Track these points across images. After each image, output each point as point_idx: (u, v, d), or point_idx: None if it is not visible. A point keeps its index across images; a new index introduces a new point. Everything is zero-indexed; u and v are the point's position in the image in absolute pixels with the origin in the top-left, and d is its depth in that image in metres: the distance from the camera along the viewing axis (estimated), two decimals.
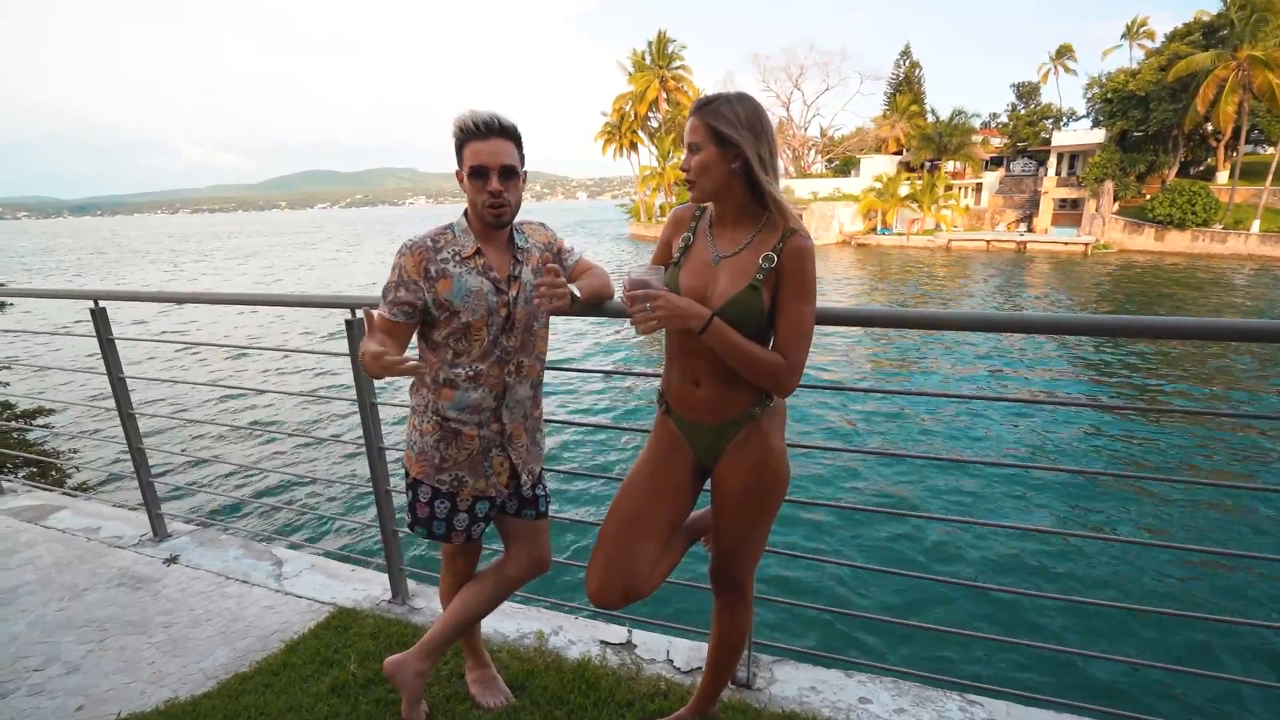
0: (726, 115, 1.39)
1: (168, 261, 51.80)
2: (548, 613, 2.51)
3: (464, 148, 1.56)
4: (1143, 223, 33.39)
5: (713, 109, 1.41)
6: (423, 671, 1.82)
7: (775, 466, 1.53)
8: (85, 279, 40.94)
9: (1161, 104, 32.28)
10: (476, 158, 1.54)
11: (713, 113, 1.40)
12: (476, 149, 1.55)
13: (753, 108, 1.42)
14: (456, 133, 1.57)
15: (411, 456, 1.72)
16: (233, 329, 19.35)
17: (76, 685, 2.16)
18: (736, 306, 1.41)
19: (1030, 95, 48.62)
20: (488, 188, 1.55)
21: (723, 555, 1.64)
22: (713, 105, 1.41)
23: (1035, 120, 45.23)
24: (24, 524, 3.32)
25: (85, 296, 2.75)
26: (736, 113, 1.40)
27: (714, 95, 1.43)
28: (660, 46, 47.10)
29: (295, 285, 33.39)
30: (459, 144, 1.57)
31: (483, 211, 1.58)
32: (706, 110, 1.41)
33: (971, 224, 41.51)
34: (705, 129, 1.41)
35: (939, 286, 25.75)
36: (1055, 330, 1.82)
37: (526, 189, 1.71)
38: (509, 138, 1.57)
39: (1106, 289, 24.70)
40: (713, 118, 1.40)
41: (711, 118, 1.40)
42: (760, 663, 2.19)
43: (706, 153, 1.41)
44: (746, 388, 1.49)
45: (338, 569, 2.85)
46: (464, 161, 1.57)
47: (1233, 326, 1.51)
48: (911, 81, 50.10)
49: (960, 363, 14.39)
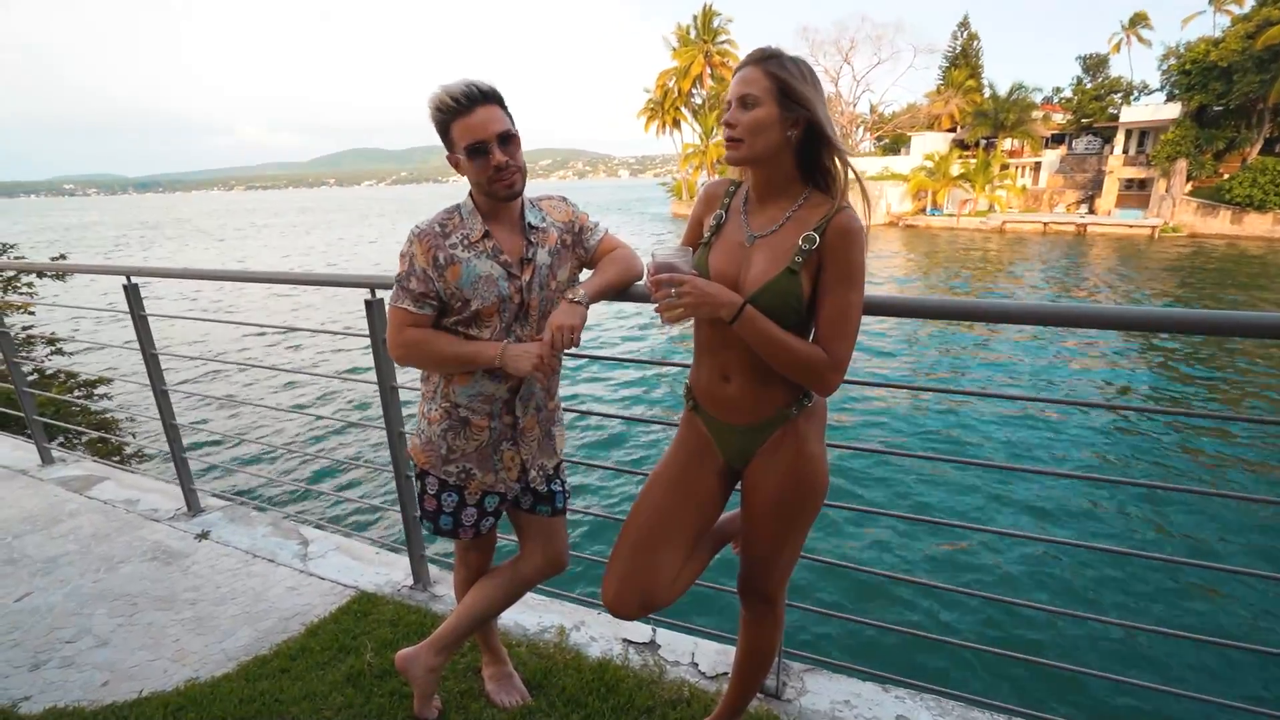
0: (793, 70, 1.22)
1: (235, 236, 53.46)
2: (570, 606, 2.43)
3: (450, 129, 1.41)
4: (1218, 204, 31.24)
5: (779, 61, 1.23)
6: (434, 667, 1.75)
7: (813, 473, 1.38)
8: (152, 253, 42.70)
9: (1246, 75, 29.84)
10: (470, 134, 1.39)
11: (779, 64, 1.22)
12: (466, 125, 1.39)
13: (810, 70, 1.25)
14: (435, 115, 1.41)
15: (418, 445, 1.63)
16: (269, 306, 19.80)
17: (105, 660, 2.19)
18: (771, 293, 1.25)
19: (1098, 68, 45.78)
20: (492, 162, 1.41)
21: (752, 565, 1.50)
22: (778, 58, 1.23)
23: (1103, 95, 42.58)
24: (70, 494, 3.42)
25: (118, 272, 2.76)
26: (801, 70, 1.23)
27: (773, 49, 1.25)
28: (706, 20, 46.03)
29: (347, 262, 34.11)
30: (443, 126, 1.42)
31: (492, 188, 1.44)
32: (772, 61, 1.23)
33: (1028, 205, 39.58)
34: (770, 81, 1.22)
35: (990, 273, 24.61)
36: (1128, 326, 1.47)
37: (569, 167, 1.56)
38: (493, 101, 1.41)
39: (1184, 277, 22.84)
40: (780, 69, 1.22)
41: (779, 69, 1.22)
42: (790, 671, 2.06)
43: (765, 110, 1.23)
44: (782, 385, 1.34)
45: (362, 550, 2.83)
46: (455, 143, 1.42)
47: None
48: (969, 55, 47.69)
49: (1024, 356, 13.23)
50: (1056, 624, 5.34)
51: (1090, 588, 5.91)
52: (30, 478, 3.58)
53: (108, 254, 45.12)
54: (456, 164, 1.46)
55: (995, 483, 7.68)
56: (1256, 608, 5.67)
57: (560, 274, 1.58)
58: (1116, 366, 13.00)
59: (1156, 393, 11.67)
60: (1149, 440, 9.35)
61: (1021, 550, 6.33)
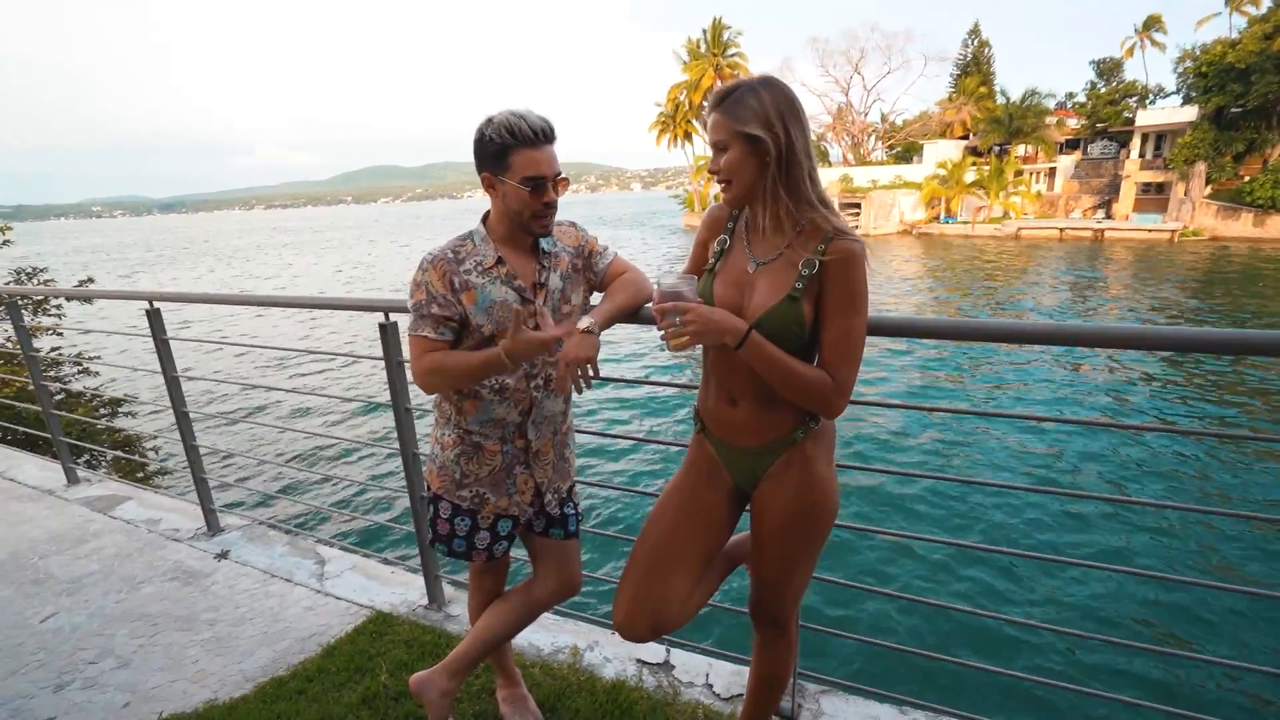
0: (752, 106, 1.23)
1: (243, 258, 54.68)
2: (584, 626, 2.43)
3: (512, 154, 1.43)
4: (1239, 207, 30.71)
5: (734, 101, 1.24)
6: (448, 691, 1.76)
7: (822, 495, 1.38)
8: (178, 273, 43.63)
9: (1265, 76, 29.42)
10: (534, 167, 1.43)
11: (734, 106, 1.24)
12: (533, 157, 1.43)
13: (780, 93, 1.25)
14: (504, 137, 1.42)
15: (433, 470, 1.65)
16: (285, 330, 20.10)
17: (126, 681, 2.22)
18: (773, 320, 1.27)
19: (1112, 72, 45.37)
20: (544, 199, 1.45)
21: (762, 589, 1.50)
22: (734, 97, 1.25)
23: (1117, 99, 42.17)
24: (94, 513, 3.48)
25: (140, 298, 2.83)
26: (761, 101, 1.23)
27: (733, 85, 1.27)
28: (715, 34, 46.40)
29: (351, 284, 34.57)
30: (503, 150, 1.43)
31: (530, 222, 1.48)
32: (726, 106, 1.25)
33: (1043, 211, 39.20)
34: (728, 123, 1.25)
35: (1007, 281, 24.30)
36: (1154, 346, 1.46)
37: (582, 181, 1.60)
38: (554, 142, 1.47)
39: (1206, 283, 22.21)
40: (735, 114, 1.24)
41: (733, 114, 1.24)
42: (806, 692, 2.04)
43: (734, 151, 1.26)
44: (789, 409, 1.34)
45: (377, 570, 2.85)
46: (514, 170, 1.43)
47: None
48: (980, 62, 47.60)
49: (1033, 378, 12.91)
50: (1077, 648, 5.21)
51: (1108, 608, 5.77)
52: (56, 498, 3.65)
53: (132, 272, 46.20)
54: (491, 185, 1.48)
55: (1012, 502, 7.52)
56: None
57: (574, 298, 1.60)
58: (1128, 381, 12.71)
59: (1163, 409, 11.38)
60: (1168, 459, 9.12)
61: (1041, 571, 6.20)
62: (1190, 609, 5.70)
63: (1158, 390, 12.27)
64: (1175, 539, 6.95)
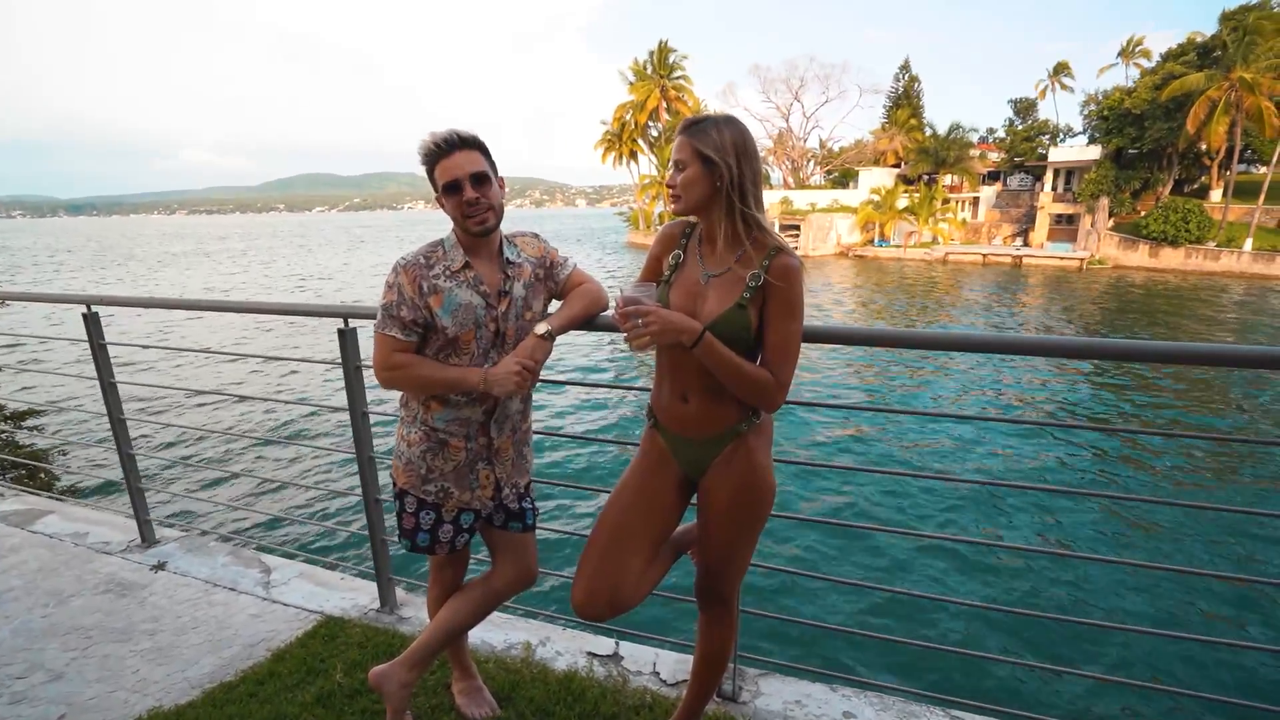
0: (713, 137, 1.43)
1: (171, 263, 51.69)
2: (535, 623, 2.51)
3: (434, 170, 1.59)
4: (1137, 239, 33.63)
5: (700, 129, 1.45)
6: (408, 682, 1.81)
7: (761, 481, 1.55)
8: (108, 274, 40.78)
9: (1156, 123, 32.60)
10: (447, 174, 1.57)
11: (700, 133, 1.44)
12: (445, 166, 1.57)
13: (738, 131, 1.45)
14: (424, 158, 1.59)
15: (399, 466, 1.73)
16: (226, 335, 19.28)
17: (59, 694, 2.15)
18: (724, 325, 1.44)
19: (1028, 111, 49.04)
20: (464, 198, 1.57)
21: (709, 569, 1.65)
22: (700, 126, 1.45)
23: (1032, 136, 45.60)
24: (10, 528, 3.30)
25: (78, 301, 2.75)
26: (723, 135, 1.43)
27: (702, 116, 1.47)
28: (661, 56, 47.39)
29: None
30: (429, 168, 1.60)
31: (465, 223, 1.60)
32: (693, 131, 1.45)
33: (968, 237, 41.74)
34: (691, 149, 1.44)
35: (935, 298, 25.85)
36: (1056, 353, 1.71)
37: (526, 196, 1.73)
38: (473, 147, 1.59)
39: (1108, 305, 24.68)
40: (699, 139, 1.44)
41: (698, 139, 1.44)
42: (746, 675, 2.19)
43: (692, 170, 1.45)
44: (734, 404, 1.51)
45: (327, 577, 2.84)
46: (437, 182, 1.59)
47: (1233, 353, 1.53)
48: (910, 95, 50.47)
49: (949, 380, 14.38)
50: (986, 618, 5.80)
51: (1014, 584, 6.47)
52: None
53: (49, 278, 42.94)
54: (441, 204, 1.61)
55: (922, 490, 8.36)
56: (1156, 595, 6.25)
57: (535, 305, 1.73)
58: (1016, 381, 14.26)
59: (1071, 407, 12.62)
60: (1060, 450, 10.25)
61: (944, 550, 6.86)
62: (1091, 582, 6.47)
63: (1035, 388, 14.17)
64: (1072, 521, 7.88)
